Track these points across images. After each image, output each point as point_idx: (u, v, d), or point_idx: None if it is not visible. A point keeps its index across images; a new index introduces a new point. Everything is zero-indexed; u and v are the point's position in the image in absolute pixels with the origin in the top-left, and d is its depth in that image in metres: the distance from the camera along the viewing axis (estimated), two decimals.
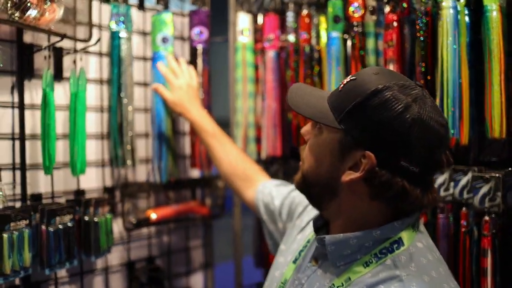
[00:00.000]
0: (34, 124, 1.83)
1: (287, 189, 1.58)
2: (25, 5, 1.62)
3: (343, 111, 1.05)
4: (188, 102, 1.86)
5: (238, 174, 1.74)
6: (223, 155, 1.77)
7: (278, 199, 1.56)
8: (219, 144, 1.79)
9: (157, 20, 2.00)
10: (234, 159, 1.76)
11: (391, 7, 1.76)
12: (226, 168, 1.77)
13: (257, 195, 1.65)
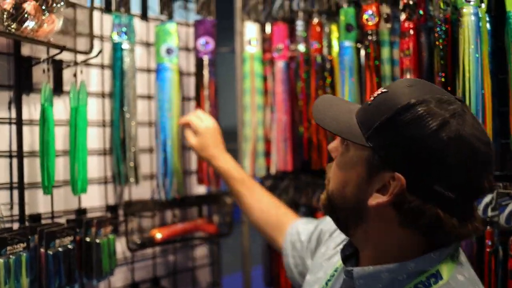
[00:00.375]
0: (32, 141, 1.74)
1: (313, 224, 1.47)
2: (22, 16, 1.54)
3: (371, 127, 0.95)
4: (214, 147, 1.76)
5: (271, 222, 1.61)
6: (254, 203, 1.64)
7: (305, 234, 1.45)
8: (248, 191, 1.66)
9: (161, 30, 1.92)
10: (266, 206, 1.63)
11: (407, 14, 1.67)
12: (258, 217, 1.64)
13: (285, 238, 1.53)
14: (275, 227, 1.58)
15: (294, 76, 2.00)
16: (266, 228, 1.61)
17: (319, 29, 1.86)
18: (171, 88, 1.90)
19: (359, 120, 0.98)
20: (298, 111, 1.94)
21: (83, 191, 1.68)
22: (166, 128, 1.90)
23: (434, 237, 0.95)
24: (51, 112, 1.62)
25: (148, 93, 2.02)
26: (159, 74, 1.91)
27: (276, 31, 2.01)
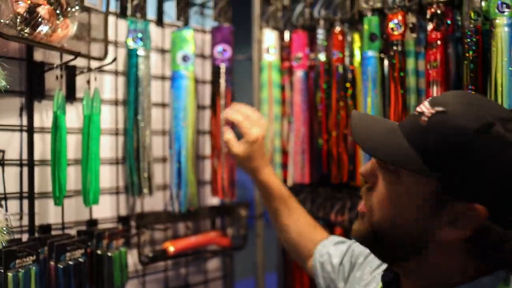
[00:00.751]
0: (44, 149, 1.69)
1: (345, 245, 1.37)
2: (35, 21, 1.49)
3: (435, 153, 0.83)
4: (261, 158, 1.51)
5: (305, 244, 1.49)
6: (291, 223, 1.50)
7: (337, 257, 1.34)
8: (287, 210, 1.51)
9: (177, 37, 1.86)
10: (303, 227, 1.50)
11: (434, 24, 1.61)
12: (293, 238, 1.51)
13: (314, 257, 1.42)
14: (307, 248, 1.47)
15: (313, 86, 1.94)
16: (299, 249, 1.50)
17: (341, 38, 1.79)
18: (187, 96, 1.85)
19: (415, 145, 0.85)
20: (317, 122, 1.87)
21: (95, 203, 1.63)
22: (181, 137, 1.84)
23: (492, 261, 0.87)
24: (64, 120, 1.56)
25: (162, 101, 1.96)
26: (175, 82, 1.85)
27: (296, 39, 1.95)
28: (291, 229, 1.50)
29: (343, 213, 1.86)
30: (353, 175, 1.79)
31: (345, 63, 1.80)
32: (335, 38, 1.80)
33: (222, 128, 1.63)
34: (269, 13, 2.01)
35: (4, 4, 1.43)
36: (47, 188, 1.69)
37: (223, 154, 1.92)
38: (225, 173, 1.91)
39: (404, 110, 1.65)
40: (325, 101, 1.86)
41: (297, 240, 1.50)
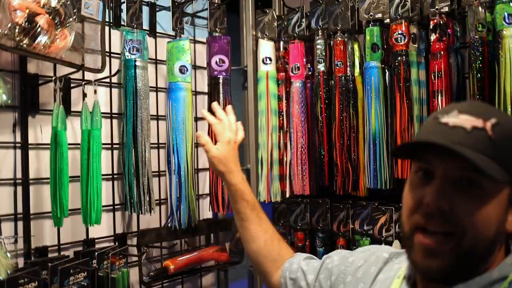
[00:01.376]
0: (38, 167, 1.60)
1: (318, 262, 1.34)
2: (34, 31, 1.41)
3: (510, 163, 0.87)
4: (235, 163, 1.50)
5: (272, 254, 1.45)
6: (260, 232, 1.46)
7: (311, 273, 1.31)
8: (257, 219, 1.47)
9: (174, 47, 1.80)
10: (270, 238, 1.46)
11: (437, 35, 1.63)
12: (259, 248, 1.46)
13: (282, 273, 1.39)
14: (274, 261, 1.43)
15: (311, 96, 1.92)
16: (264, 261, 1.45)
17: (343, 48, 1.79)
18: (185, 108, 1.79)
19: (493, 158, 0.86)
20: (319, 133, 1.85)
21: (97, 222, 1.55)
22: (180, 150, 1.78)
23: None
24: (65, 136, 1.48)
25: (157, 114, 1.90)
26: (172, 94, 1.80)
27: (293, 49, 1.93)
28: (260, 238, 1.45)
29: (346, 224, 1.85)
30: (356, 186, 1.78)
31: (347, 73, 1.79)
32: (337, 48, 1.80)
33: (196, 134, 1.59)
34: (264, 23, 1.98)
35: (2, 13, 1.34)
36: (42, 208, 1.60)
37: None
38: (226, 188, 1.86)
39: (411, 120, 1.65)
40: (325, 112, 1.84)
41: (264, 251, 1.45)
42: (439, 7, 1.63)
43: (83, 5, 1.58)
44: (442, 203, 0.86)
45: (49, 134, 1.61)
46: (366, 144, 1.75)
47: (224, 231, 2.01)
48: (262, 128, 1.94)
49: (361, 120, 1.78)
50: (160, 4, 1.93)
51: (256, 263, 1.47)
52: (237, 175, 1.48)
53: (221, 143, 1.49)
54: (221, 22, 1.93)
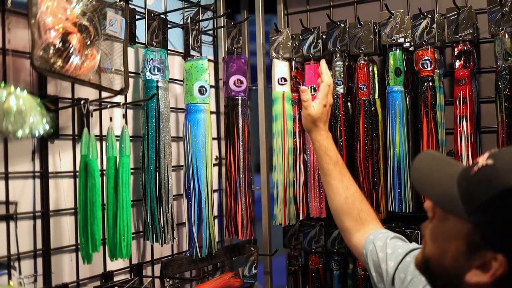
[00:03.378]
0: (57, 197, 1.47)
1: (402, 248, 1.36)
2: (68, 51, 1.29)
3: (474, 203, 0.89)
4: (324, 121, 1.57)
5: (352, 213, 1.50)
6: (341, 188, 1.52)
7: (392, 260, 1.35)
8: (339, 175, 1.53)
9: (193, 67, 1.72)
10: (351, 195, 1.51)
11: (462, 61, 1.66)
12: (340, 203, 1.52)
13: (365, 244, 1.43)
14: (354, 221, 1.49)
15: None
16: (345, 218, 1.51)
17: (366, 71, 1.78)
18: (205, 130, 1.71)
19: (460, 191, 0.92)
20: None
21: (128, 256, 1.44)
22: (201, 175, 1.70)
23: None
24: (97, 166, 1.37)
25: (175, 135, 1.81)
26: (191, 115, 1.71)
27: (309, 70, 1.90)
28: (340, 194, 1.51)
29: None
30: (378, 209, 1.78)
31: (370, 96, 1.78)
32: (360, 71, 1.79)
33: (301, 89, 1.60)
34: (279, 43, 1.94)
35: (37, 33, 1.22)
36: (62, 242, 1.47)
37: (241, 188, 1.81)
38: (245, 209, 1.81)
39: (437, 144, 1.68)
40: (345, 134, 1.83)
41: (345, 208, 1.51)
42: (462, 34, 1.67)
43: (108, 23, 1.48)
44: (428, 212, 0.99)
45: (67, 161, 1.49)
46: (390, 168, 1.75)
47: (239, 255, 1.95)
48: (278, 150, 1.89)
49: (382, 143, 1.78)
50: (171, 20, 1.85)
51: (337, 218, 1.53)
52: (323, 133, 1.57)
53: (319, 103, 1.56)
54: (237, 41, 1.87)
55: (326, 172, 1.54)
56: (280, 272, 2.09)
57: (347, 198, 1.50)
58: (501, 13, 1.60)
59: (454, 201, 0.91)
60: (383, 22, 1.78)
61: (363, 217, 1.48)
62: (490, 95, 1.69)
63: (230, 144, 1.82)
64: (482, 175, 0.89)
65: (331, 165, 1.53)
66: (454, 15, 1.69)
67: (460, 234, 0.91)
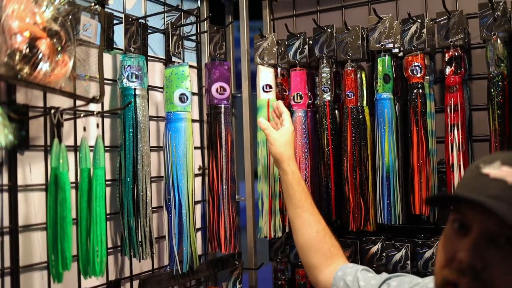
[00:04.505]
0: (27, 212, 1.38)
1: (375, 279, 1.30)
2: (36, 58, 1.22)
3: None
4: (293, 147, 1.56)
5: (323, 248, 1.43)
6: (313, 221, 1.45)
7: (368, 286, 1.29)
8: (311, 208, 1.47)
9: (173, 74, 1.65)
10: (322, 229, 1.45)
11: (453, 68, 1.60)
12: (311, 237, 1.44)
13: (335, 281, 1.35)
14: (324, 256, 1.42)
15: (313, 126, 1.83)
16: (314, 253, 1.43)
17: (354, 77, 1.72)
18: (186, 140, 1.64)
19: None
20: (325, 165, 1.76)
21: (101, 274, 1.36)
22: (181, 187, 1.62)
23: None
24: (68, 179, 1.29)
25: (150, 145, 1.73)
26: (172, 125, 1.64)
27: (294, 77, 1.84)
28: (312, 226, 1.44)
29: (354, 261, 1.76)
30: (366, 221, 1.71)
31: (357, 104, 1.72)
32: (348, 78, 1.72)
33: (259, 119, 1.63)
34: (263, 48, 1.87)
35: (1, 38, 1.14)
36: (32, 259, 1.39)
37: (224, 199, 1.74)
38: (228, 222, 1.73)
39: (428, 154, 1.61)
40: (332, 143, 1.76)
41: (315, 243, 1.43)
42: (453, 39, 1.61)
43: (81, 27, 1.40)
44: (476, 261, 0.82)
45: (39, 173, 1.41)
46: (379, 178, 1.68)
47: (222, 269, 1.87)
48: (263, 160, 1.82)
49: (370, 152, 1.72)
50: (151, 25, 1.78)
51: (305, 255, 1.44)
52: (294, 162, 1.53)
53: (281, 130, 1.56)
54: (220, 47, 1.80)
55: (298, 203, 1.47)
56: (266, 286, 2.02)
57: (318, 232, 1.43)
58: (493, 17, 1.55)
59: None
60: (371, 27, 1.72)
61: (333, 252, 1.41)
62: (482, 102, 1.63)
63: (212, 153, 1.74)
64: None
65: (303, 196, 1.47)
66: (445, 19, 1.63)
67: None
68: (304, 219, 1.45)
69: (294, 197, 1.48)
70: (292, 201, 1.48)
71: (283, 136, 1.54)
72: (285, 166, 1.51)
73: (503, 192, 0.81)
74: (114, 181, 1.60)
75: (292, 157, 1.53)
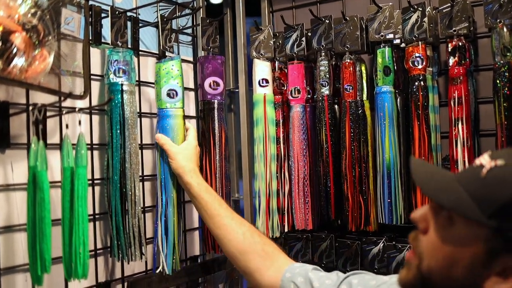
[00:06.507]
0: (9, 212, 1.34)
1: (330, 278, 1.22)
2: (9, 52, 1.17)
3: (492, 205, 0.83)
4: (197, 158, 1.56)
5: (256, 249, 1.35)
6: (235, 225, 1.39)
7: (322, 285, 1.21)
8: (229, 213, 1.42)
9: (161, 69, 1.59)
10: (248, 230, 1.38)
11: (457, 58, 1.51)
12: (239, 242, 1.36)
13: (283, 284, 1.26)
14: (260, 257, 1.34)
15: (312, 122, 1.76)
16: (249, 257, 1.35)
17: (352, 70, 1.64)
18: (175, 138, 1.57)
19: (472, 194, 0.86)
20: (324, 162, 1.69)
21: (84, 276, 1.30)
22: (168, 185, 1.56)
23: None
24: (46, 178, 1.23)
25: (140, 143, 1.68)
26: (161, 122, 1.58)
27: (292, 70, 1.76)
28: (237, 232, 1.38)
29: (354, 263, 1.69)
30: (367, 220, 1.63)
31: (357, 98, 1.64)
32: (346, 71, 1.64)
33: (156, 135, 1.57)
34: (259, 41, 1.80)
35: None
36: (14, 260, 1.35)
37: None
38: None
39: (430, 150, 1.52)
40: (330, 139, 1.68)
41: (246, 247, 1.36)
42: (457, 28, 1.52)
43: (63, 21, 1.35)
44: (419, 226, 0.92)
45: (21, 172, 1.37)
46: (379, 176, 1.60)
47: (218, 271, 1.81)
48: (260, 157, 1.75)
49: (371, 149, 1.64)
50: (142, 19, 1.72)
51: (241, 261, 1.36)
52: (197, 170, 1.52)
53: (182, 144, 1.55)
54: (213, 40, 1.73)
55: (214, 212, 1.42)
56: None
57: (244, 234, 1.37)
58: (499, 3, 1.45)
59: (468, 204, 0.85)
60: (370, 17, 1.63)
61: (268, 251, 1.34)
62: (489, 94, 1.54)
63: (206, 151, 1.68)
64: (496, 176, 0.85)
65: (216, 203, 1.43)
66: (448, 7, 1.54)
67: (477, 240, 0.85)
68: (226, 226, 1.39)
69: (207, 207, 1.43)
70: (207, 212, 1.43)
71: (185, 150, 1.53)
72: (188, 179, 1.48)
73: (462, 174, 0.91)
74: (103, 180, 1.55)
75: (195, 170, 1.51)
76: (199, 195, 1.45)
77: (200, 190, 1.46)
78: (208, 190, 1.47)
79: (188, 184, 1.48)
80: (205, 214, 1.44)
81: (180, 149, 1.53)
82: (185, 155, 1.52)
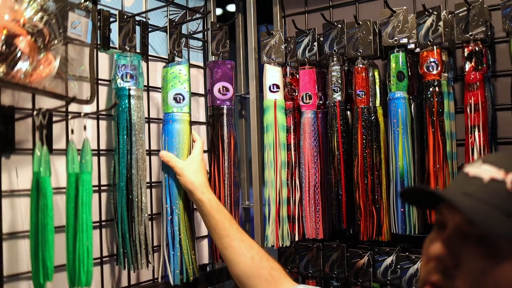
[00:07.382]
0: (13, 218, 1.32)
1: None
2: (13, 56, 1.15)
3: None
4: (205, 172, 1.51)
5: (263, 274, 1.33)
6: (245, 248, 1.36)
7: None
8: (239, 234, 1.38)
9: (169, 73, 1.57)
10: (257, 253, 1.35)
11: (473, 63, 1.46)
12: (247, 266, 1.35)
13: None
14: (267, 282, 1.32)
15: (323, 128, 1.72)
16: (255, 282, 1.34)
17: (365, 75, 1.59)
18: (180, 143, 1.54)
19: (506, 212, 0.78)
20: (336, 170, 1.64)
21: (88, 285, 1.28)
22: (173, 192, 1.53)
23: None
24: (49, 184, 1.21)
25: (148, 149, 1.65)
26: (166, 127, 1.55)
27: (303, 76, 1.73)
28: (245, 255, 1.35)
29: (366, 273, 1.64)
30: (380, 230, 1.58)
31: (369, 104, 1.59)
32: (358, 76, 1.60)
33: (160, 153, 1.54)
34: (269, 45, 1.77)
35: None
36: (18, 268, 1.32)
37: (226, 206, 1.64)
38: None
39: (445, 158, 1.47)
40: (342, 146, 1.64)
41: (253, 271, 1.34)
42: (473, 33, 1.47)
43: (69, 25, 1.34)
44: (447, 258, 0.81)
45: (26, 178, 1.35)
46: (392, 184, 1.55)
47: (227, 280, 1.77)
48: (270, 164, 1.71)
49: (384, 156, 1.59)
50: (152, 23, 1.71)
51: (246, 285, 1.34)
52: (209, 189, 1.46)
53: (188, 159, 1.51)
54: (223, 45, 1.71)
55: (224, 233, 1.39)
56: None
57: (253, 258, 1.34)
58: None
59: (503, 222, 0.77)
60: (384, 21, 1.59)
61: (275, 276, 1.32)
62: (507, 101, 1.49)
63: (214, 157, 1.65)
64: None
65: (227, 223, 1.39)
66: (464, 11, 1.49)
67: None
68: (234, 248, 1.36)
69: (217, 226, 1.40)
70: (216, 231, 1.40)
71: (191, 164, 1.49)
72: (199, 195, 1.44)
73: (478, 190, 0.81)
74: (110, 186, 1.53)
75: (205, 184, 1.47)
76: (209, 213, 1.42)
77: (211, 207, 1.42)
78: (219, 208, 1.43)
79: (199, 201, 1.45)
80: (215, 233, 1.41)
81: (186, 165, 1.49)
82: (192, 169, 1.48)
